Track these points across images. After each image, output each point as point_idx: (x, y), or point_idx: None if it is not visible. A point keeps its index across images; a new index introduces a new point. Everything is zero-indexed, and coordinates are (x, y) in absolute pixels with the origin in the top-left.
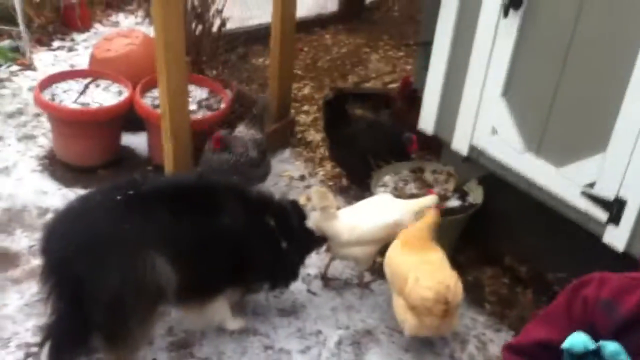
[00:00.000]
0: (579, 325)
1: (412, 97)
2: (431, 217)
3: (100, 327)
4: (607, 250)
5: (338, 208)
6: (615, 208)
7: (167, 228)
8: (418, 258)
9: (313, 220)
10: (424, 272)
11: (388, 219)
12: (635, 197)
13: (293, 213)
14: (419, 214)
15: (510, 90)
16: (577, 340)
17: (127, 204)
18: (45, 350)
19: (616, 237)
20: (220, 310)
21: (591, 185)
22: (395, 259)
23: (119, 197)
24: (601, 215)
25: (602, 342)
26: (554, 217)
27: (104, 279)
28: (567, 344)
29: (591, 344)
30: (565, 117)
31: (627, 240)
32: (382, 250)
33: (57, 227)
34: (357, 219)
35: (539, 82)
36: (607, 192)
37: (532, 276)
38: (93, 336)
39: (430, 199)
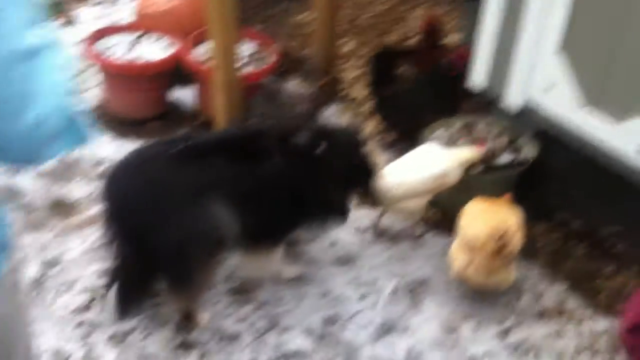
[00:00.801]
0: None
1: (435, 37)
2: (472, 152)
3: (163, 274)
4: None
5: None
6: None
7: (225, 176)
8: (485, 205)
9: None
10: (486, 213)
11: (434, 171)
12: None
13: (346, 143)
14: (465, 165)
15: (567, 44)
16: None
17: (185, 154)
18: (112, 292)
19: None
20: (277, 257)
21: None
22: (468, 209)
23: (178, 148)
24: None
25: None
26: (607, 173)
27: (165, 227)
28: None
29: None
30: (627, 71)
31: None
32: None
33: (119, 176)
34: (403, 174)
35: (600, 33)
36: None
37: (584, 231)
38: (157, 280)
39: (477, 151)
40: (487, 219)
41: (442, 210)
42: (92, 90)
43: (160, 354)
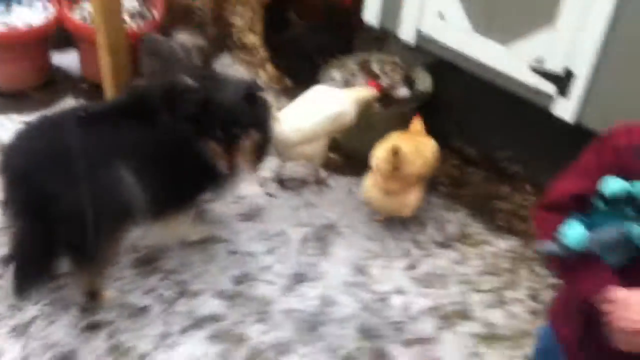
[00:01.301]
0: (611, 173)
1: None
2: (365, 91)
3: (67, 247)
4: (555, 124)
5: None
6: (564, 81)
7: (125, 143)
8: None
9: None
10: (391, 140)
11: (330, 112)
12: (583, 68)
13: (238, 93)
14: (360, 104)
15: None
16: (614, 183)
17: (85, 123)
18: (11, 270)
19: (566, 110)
20: (184, 222)
21: (540, 59)
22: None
23: (78, 116)
24: (550, 88)
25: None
26: (501, 98)
27: (68, 196)
28: (603, 188)
29: (628, 185)
30: None
31: (576, 112)
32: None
33: (18, 145)
34: (299, 119)
35: None
36: (556, 65)
37: (480, 156)
38: (59, 257)
39: (370, 91)
40: (387, 143)
41: (345, 153)
42: None
43: (66, 340)
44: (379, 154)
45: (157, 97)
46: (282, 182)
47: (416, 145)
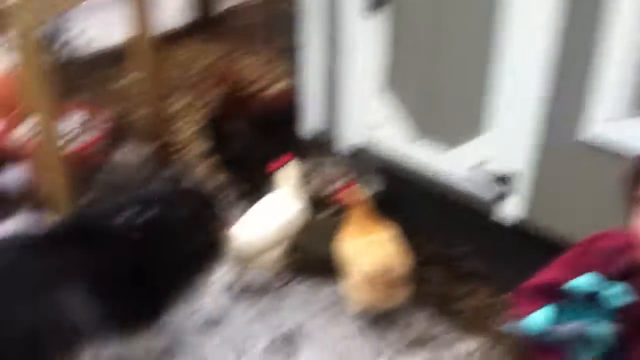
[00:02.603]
0: (588, 270)
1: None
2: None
3: None
4: (496, 224)
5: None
6: (505, 183)
7: (73, 264)
8: (363, 240)
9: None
10: (367, 251)
11: (284, 217)
12: (522, 170)
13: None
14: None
15: (389, 84)
16: (582, 279)
17: (35, 245)
18: None
19: (509, 210)
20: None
21: (481, 164)
22: (343, 244)
23: (26, 238)
24: (493, 191)
25: (608, 282)
26: (447, 198)
27: (12, 319)
28: (573, 282)
29: (594, 283)
30: (447, 102)
31: (519, 212)
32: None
33: None
34: (255, 228)
35: (417, 71)
36: (496, 168)
37: (437, 254)
38: None
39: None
40: (368, 255)
41: (303, 255)
42: None
43: None
44: (367, 268)
45: (99, 218)
46: (243, 288)
47: (391, 246)
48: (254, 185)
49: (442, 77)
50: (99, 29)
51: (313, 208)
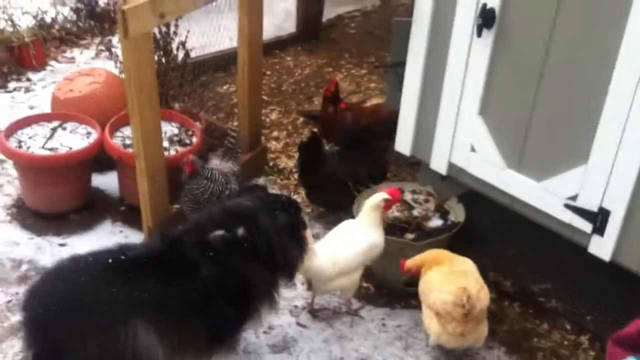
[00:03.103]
0: None
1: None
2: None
3: None
4: (590, 259)
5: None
6: (599, 219)
7: (153, 297)
8: (446, 269)
9: None
10: (449, 279)
11: (363, 243)
12: (618, 206)
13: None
14: (377, 209)
15: (487, 108)
16: None
17: (115, 270)
18: None
19: (601, 247)
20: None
21: (574, 197)
22: (426, 275)
23: (108, 261)
24: (585, 226)
25: None
26: (536, 230)
27: (81, 346)
28: None
29: None
30: (544, 132)
31: (612, 250)
32: (365, 273)
33: (42, 286)
34: (334, 251)
35: (516, 98)
36: (591, 203)
37: (517, 289)
38: None
39: (382, 194)
40: (450, 282)
41: (377, 283)
42: (6, 187)
43: None
44: (446, 298)
45: (192, 245)
46: (315, 312)
47: (474, 276)
48: (337, 207)
49: (544, 104)
50: (207, 35)
51: (394, 232)
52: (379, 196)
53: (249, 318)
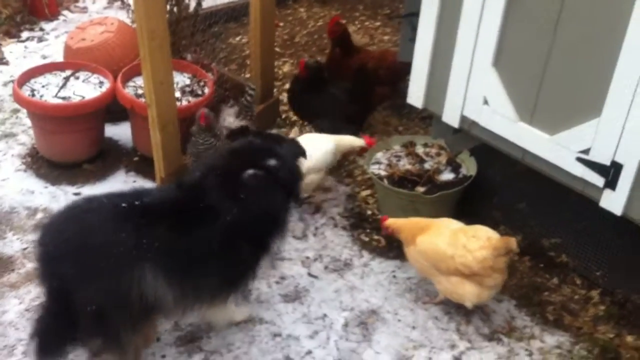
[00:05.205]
0: None
1: (346, 44)
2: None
3: (86, 333)
4: (601, 213)
5: None
6: (611, 172)
7: (163, 244)
8: (443, 231)
9: None
10: (461, 238)
11: (329, 147)
12: (631, 160)
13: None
14: (344, 148)
15: (500, 60)
16: None
17: (127, 214)
18: (32, 345)
19: (613, 201)
20: (224, 310)
21: (586, 151)
22: (422, 245)
23: (122, 205)
24: (598, 180)
25: None
26: (547, 185)
27: (89, 286)
28: None
29: None
30: (558, 84)
31: (624, 204)
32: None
33: (55, 224)
34: (311, 150)
35: (530, 50)
36: (603, 156)
37: (527, 244)
38: (84, 339)
39: (359, 140)
40: (470, 241)
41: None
42: (21, 136)
43: None
44: (483, 254)
45: (213, 191)
46: (328, 263)
47: (481, 229)
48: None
49: (558, 56)
50: None
51: (405, 185)
52: (358, 140)
53: (266, 254)
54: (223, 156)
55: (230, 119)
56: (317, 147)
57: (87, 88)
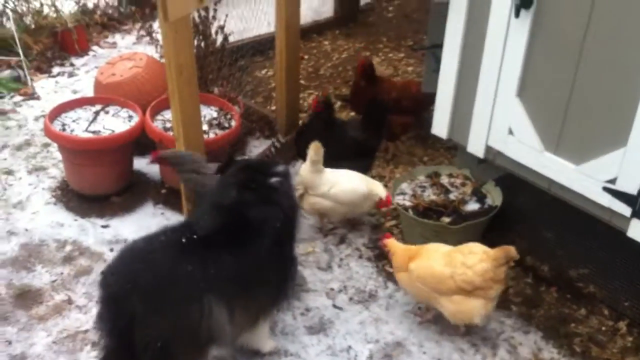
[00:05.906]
0: None
1: (370, 75)
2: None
3: None
4: (628, 243)
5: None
6: (638, 202)
7: (227, 271)
8: (435, 254)
9: (301, 170)
10: (458, 257)
11: (363, 189)
12: None
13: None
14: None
15: (525, 90)
16: None
17: (190, 248)
18: None
19: (636, 234)
20: (263, 331)
21: (613, 180)
22: (421, 271)
23: (182, 240)
24: (625, 210)
25: None
26: (574, 214)
27: (156, 321)
28: None
29: None
30: (583, 114)
31: None
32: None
33: (120, 265)
34: (339, 179)
35: (554, 80)
36: (630, 186)
37: (554, 274)
38: None
39: (384, 192)
40: (467, 258)
41: None
42: (51, 169)
43: None
44: (483, 266)
45: (250, 200)
46: (352, 294)
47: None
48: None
49: (582, 86)
50: (245, 19)
51: (431, 216)
52: (383, 192)
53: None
54: (240, 171)
55: (256, 150)
56: (350, 181)
57: (117, 122)
